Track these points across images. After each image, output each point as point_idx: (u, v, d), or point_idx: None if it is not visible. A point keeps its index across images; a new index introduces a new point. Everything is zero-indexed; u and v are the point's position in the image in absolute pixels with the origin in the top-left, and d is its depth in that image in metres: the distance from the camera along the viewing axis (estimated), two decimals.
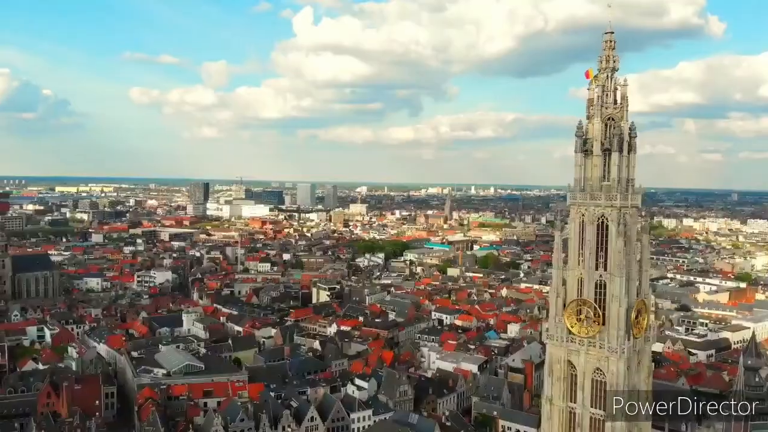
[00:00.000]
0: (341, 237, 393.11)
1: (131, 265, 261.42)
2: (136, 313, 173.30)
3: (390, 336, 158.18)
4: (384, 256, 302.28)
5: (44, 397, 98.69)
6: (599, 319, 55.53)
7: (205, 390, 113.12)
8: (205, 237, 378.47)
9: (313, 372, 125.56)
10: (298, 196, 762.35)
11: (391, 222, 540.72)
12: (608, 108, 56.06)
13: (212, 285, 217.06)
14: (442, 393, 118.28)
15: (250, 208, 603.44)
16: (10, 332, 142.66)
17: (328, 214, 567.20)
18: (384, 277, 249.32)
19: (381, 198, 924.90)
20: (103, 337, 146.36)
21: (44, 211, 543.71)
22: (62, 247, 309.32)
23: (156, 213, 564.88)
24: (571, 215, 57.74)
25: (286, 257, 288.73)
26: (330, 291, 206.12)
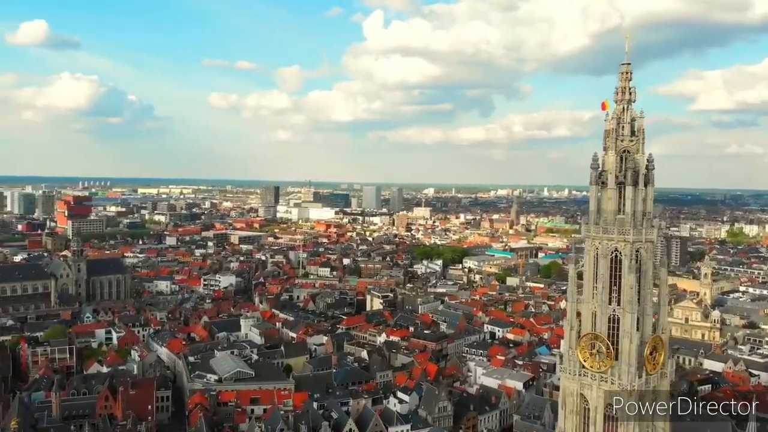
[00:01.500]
0: (402, 242, 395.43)
1: (200, 268, 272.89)
2: (199, 317, 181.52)
3: (438, 348, 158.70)
4: (442, 262, 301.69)
5: (102, 400, 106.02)
6: (611, 353, 54.86)
7: (252, 397, 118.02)
8: (272, 240, 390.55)
9: (358, 383, 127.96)
10: (364, 199, 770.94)
11: (454, 226, 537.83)
12: (624, 140, 55.27)
13: (273, 289, 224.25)
14: (483, 410, 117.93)
15: (317, 210, 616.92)
16: (80, 334, 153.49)
17: (391, 217, 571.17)
18: (440, 285, 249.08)
19: (447, 200, 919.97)
20: (165, 340, 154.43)
21: (125, 212, 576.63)
22: (137, 250, 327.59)
23: (229, 215, 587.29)
24: (586, 247, 57.30)
25: (345, 262, 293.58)
26: (383, 299, 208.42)
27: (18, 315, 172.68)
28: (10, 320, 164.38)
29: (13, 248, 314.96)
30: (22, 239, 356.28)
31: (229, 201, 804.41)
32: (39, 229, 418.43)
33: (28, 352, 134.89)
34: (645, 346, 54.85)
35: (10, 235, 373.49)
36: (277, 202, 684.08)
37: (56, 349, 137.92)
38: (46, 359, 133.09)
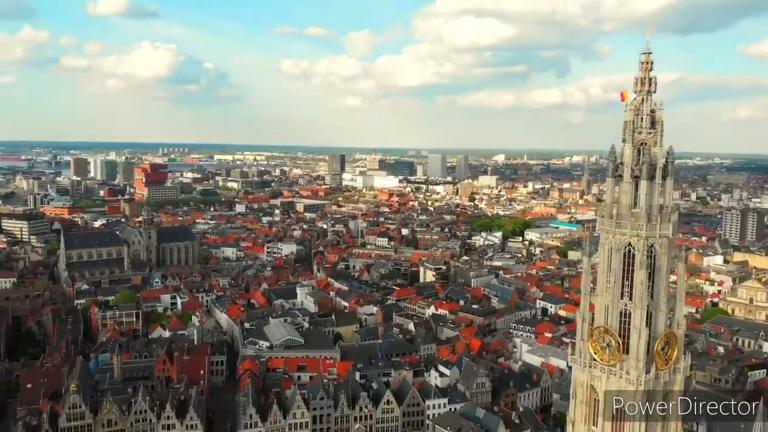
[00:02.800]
0: (463, 212, 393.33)
1: (265, 235, 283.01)
2: (259, 284, 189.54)
3: (486, 323, 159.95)
4: (502, 235, 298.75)
5: (160, 363, 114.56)
6: (621, 347, 54.80)
7: (299, 365, 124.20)
8: (335, 209, 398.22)
9: (402, 354, 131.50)
10: (429, 167, 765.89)
11: (520, 196, 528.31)
12: (641, 133, 53.97)
13: (331, 258, 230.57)
14: (524, 387, 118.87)
15: (381, 179, 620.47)
16: (147, 299, 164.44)
17: (455, 186, 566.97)
18: (497, 258, 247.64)
19: (517, 167, 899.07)
20: (225, 306, 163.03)
21: (200, 179, 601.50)
22: (209, 216, 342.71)
23: (297, 183, 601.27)
24: (601, 240, 56.85)
25: (404, 232, 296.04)
26: (436, 271, 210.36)
27: (93, 279, 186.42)
28: (85, 284, 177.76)
29: (93, 214, 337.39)
30: (102, 205, 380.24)
31: (299, 168, 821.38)
32: (119, 194, 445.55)
33: (98, 315, 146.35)
34: (656, 341, 54.43)
35: (91, 201, 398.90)
36: (343, 169, 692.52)
37: (124, 313, 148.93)
38: (114, 322, 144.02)
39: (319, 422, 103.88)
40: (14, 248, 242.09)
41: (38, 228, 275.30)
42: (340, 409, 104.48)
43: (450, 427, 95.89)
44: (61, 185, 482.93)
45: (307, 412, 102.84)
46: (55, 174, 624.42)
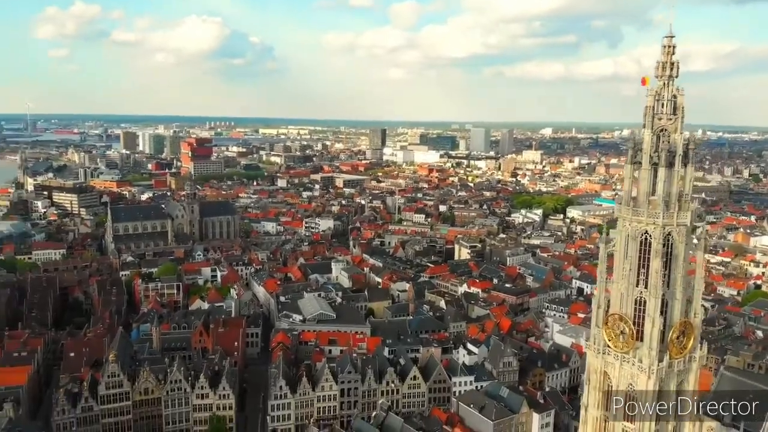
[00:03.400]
0: (504, 188, 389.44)
1: (305, 210, 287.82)
2: (296, 258, 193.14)
3: (519, 302, 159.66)
4: (542, 212, 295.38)
5: (197, 335, 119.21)
6: (635, 335, 54.63)
7: (330, 338, 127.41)
8: (374, 184, 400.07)
9: (431, 331, 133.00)
10: (471, 141, 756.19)
11: (565, 172, 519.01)
12: (662, 119, 52.88)
13: (367, 234, 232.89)
14: (552, 367, 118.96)
15: (422, 153, 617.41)
16: (189, 272, 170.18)
17: (497, 161, 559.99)
18: (535, 236, 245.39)
19: (564, 141, 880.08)
20: (263, 279, 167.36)
21: (245, 153, 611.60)
22: (251, 191, 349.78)
23: (339, 158, 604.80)
24: (618, 227, 56.37)
25: (441, 209, 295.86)
26: (471, 249, 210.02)
27: (138, 252, 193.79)
28: (130, 256, 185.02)
29: (140, 187, 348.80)
30: (149, 179, 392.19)
31: (341, 142, 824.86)
32: (166, 168, 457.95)
33: (141, 287, 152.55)
34: (671, 329, 54.02)
35: (139, 175, 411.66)
36: (384, 144, 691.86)
37: (165, 285, 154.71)
38: (156, 294, 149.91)
39: (346, 395, 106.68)
40: (64, 220, 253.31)
41: (88, 201, 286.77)
42: (367, 383, 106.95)
43: (473, 405, 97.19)
44: (110, 159, 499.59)
45: (335, 385, 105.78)
46: (105, 147, 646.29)
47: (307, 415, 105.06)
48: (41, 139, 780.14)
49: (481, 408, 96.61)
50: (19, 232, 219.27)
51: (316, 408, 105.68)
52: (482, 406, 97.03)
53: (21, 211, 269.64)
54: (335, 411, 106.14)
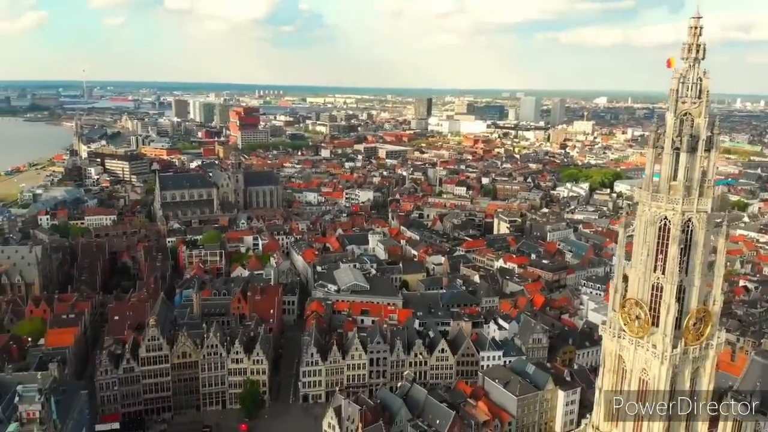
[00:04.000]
0: (551, 161, 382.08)
1: (346, 181, 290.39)
2: (334, 229, 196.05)
3: (555, 279, 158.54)
4: (589, 186, 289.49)
5: (236, 301, 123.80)
6: (651, 320, 54.42)
7: (363, 309, 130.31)
8: (417, 155, 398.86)
9: (463, 305, 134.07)
10: (521, 110, 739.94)
11: (617, 143, 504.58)
12: (686, 102, 51.57)
13: (406, 207, 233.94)
14: (583, 345, 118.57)
15: (468, 123, 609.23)
16: (232, 240, 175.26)
17: (546, 132, 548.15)
18: (579, 211, 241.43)
19: (619, 111, 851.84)
20: (301, 249, 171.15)
21: (291, 122, 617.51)
22: (295, 161, 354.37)
23: (383, 127, 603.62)
24: (638, 212, 55.70)
25: (484, 181, 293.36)
26: (511, 223, 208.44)
27: (184, 219, 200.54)
28: (176, 224, 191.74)
29: (189, 155, 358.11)
30: (198, 147, 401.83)
31: (387, 111, 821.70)
32: (215, 137, 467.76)
33: (185, 253, 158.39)
34: (688, 316, 53.52)
35: (189, 143, 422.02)
36: (430, 114, 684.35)
37: (209, 252, 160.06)
38: (199, 261, 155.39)
39: (375, 365, 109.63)
40: (116, 187, 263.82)
41: (138, 168, 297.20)
42: (396, 354, 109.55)
43: (498, 380, 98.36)
44: (161, 126, 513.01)
45: (364, 354, 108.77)
46: (158, 114, 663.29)
47: (337, 382, 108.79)
48: (97, 106, 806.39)
49: (506, 383, 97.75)
50: (72, 198, 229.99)
51: (346, 376, 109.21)
52: (507, 381, 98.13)
53: (75, 178, 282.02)
54: (364, 379, 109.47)
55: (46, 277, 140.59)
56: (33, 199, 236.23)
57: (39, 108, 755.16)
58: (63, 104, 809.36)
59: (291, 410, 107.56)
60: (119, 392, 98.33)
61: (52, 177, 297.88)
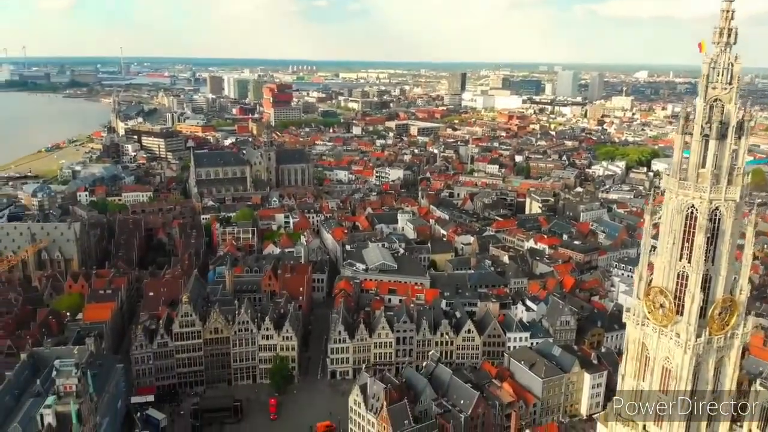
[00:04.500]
0: (587, 138, 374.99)
1: (377, 159, 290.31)
2: (364, 208, 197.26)
3: (586, 260, 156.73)
4: (625, 164, 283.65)
5: (266, 279, 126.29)
6: (675, 309, 53.84)
7: (390, 288, 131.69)
8: (449, 132, 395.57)
9: (491, 286, 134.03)
10: (558, 85, 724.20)
11: (656, 120, 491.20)
12: (716, 88, 50.14)
13: (436, 185, 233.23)
14: (612, 328, 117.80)
15: (503, 99, 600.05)
16: (264, 218, 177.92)
17: (584, 107, 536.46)
18: (614, 190, 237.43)
19: (660, 86, 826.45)
20: (331, 227, 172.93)
21: (324, 98, 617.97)
22: (327, 138, 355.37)
23: (416, 103, 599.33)
24: (665, 199, 54.77)
25: (518, 159, 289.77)
26: (543, 203, 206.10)
27: (218, 196, 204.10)
28: (210, 201, 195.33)
29: (224, 132, 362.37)
30: (232, 124, 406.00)
31: (420, 87, 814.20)
32: (249, 113, 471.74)
33: (219, 230, 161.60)
34: (713, 305, 52.73)
35: (223, 120, 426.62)
36: (464, 89, 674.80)
37: (241, 230, 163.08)
38: (232, 238, 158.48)
39: (402, 343, 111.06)
40: (152, 164, 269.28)
41: (174, 145, 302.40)
42: (422, 334, 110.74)
43: (524, 362, 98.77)
44: (196, 103, 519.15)
45: (391, 333, 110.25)
46: (193, 91, 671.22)
47: (364, 359, 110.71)
48: (134, 82, 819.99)
49: (532, 365, 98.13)
50: (110, 175, 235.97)
51: (373, 354, 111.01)
52: (533, 363, 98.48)
53: (112, 155, 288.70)
54: (390, 357, 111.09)
55: (85, 253, 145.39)
56: (72, 175, 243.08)
57: (78, 84, 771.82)
58: (101, 81, 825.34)
59: (319, 386, 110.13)
60: (154, 366, 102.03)
61: (91, 154, 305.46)
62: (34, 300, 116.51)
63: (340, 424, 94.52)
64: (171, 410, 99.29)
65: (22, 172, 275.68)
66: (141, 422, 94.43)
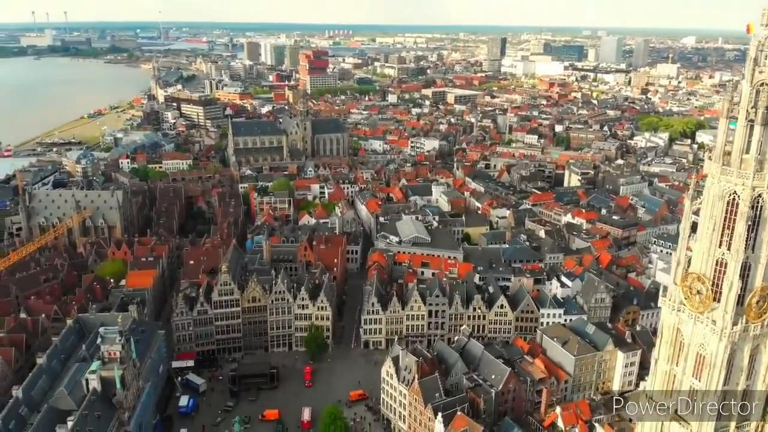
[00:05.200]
0: (630, 107, 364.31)
1: (412, 128, 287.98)
2: (398, 179, 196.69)
3: (624, 235, 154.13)
4: (668, 136, 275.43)
5: (302, 249, 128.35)
6: (712, 295, 53.10)
7: (423, 261, 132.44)
8: (487, 100, 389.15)
9: (525, 261, 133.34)
10: (601, 50, 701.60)
11: (703, 89, 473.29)
12: (763, 72, 48.25)
13: (472, 156, 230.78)
14: (648, 306, 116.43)
15: (544, 65, 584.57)
16: (300, 188, 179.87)
17: (627, 75, 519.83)
18: (656, 163, 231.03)
19: (707, 53, 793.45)
20: (365, 199, 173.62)
21: (360, 64, 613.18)
22: (362, 107, 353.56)
23: (453, 69, 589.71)
24: (706, 184, 53.52)
25: (557, 129, 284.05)
26: (582, 176, 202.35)
27: (255, 166, 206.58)
28: (248, 170, 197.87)
29: (260, 100, 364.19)
30: (269, 91, 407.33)
31: (458, 52, 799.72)
32: (285, 80, 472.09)
33: (256, 200, 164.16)
34: (752, 293, 51.75)
35: (260, 88, 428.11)
36: (503, 54, 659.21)
37: (278, 200, 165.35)
38: (269, 208, 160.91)
39: (434, 316, 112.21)
40: (191, 132, 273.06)
41: (212, 113, 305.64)
42: (455, 307, 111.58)
43: (557, 339, 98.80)
44: (234, 70, 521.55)
45: (423, 306, 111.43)
46: (231, 57, 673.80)
47: (397, 330, 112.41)
48: (173, 47, 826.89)
49: (565, 342, 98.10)
50: (150, 142, 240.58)
51: (405, 326, 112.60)
52: (566, 340, 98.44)
53: (153, 122, 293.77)
54: (422, 330, 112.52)
55: (127, 220, 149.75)
56: (114, 142, 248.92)
57: (118, 50, 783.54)
58: (141, 46, 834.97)
59: (352, 355, 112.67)
60: (194, 332, 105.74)
61: (132, 121, 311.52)
62: (79, 266, 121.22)
63: (372, 393, 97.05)
64: (210, 375, 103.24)
65: (66, 138, 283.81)
66: (181, 386, 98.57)
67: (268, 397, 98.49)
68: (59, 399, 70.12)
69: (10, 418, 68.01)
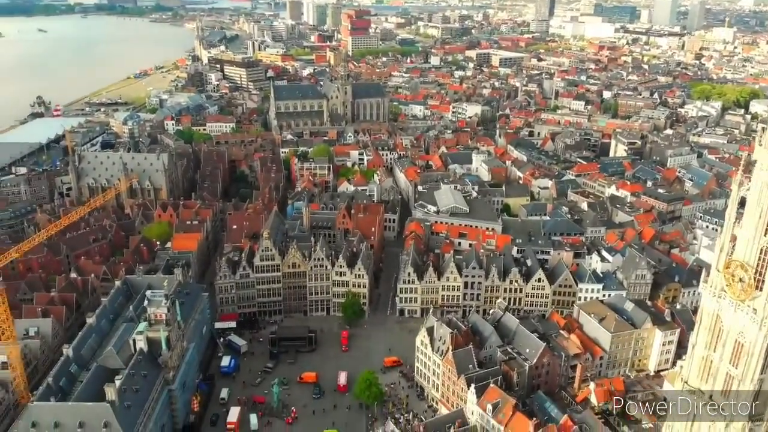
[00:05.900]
0: (683, 73, 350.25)
1: (454, 92, 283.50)
2: (438, 146, 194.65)
3: (669, 210, 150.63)
4: (721, 105, 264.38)
5: (341, 217, 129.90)
6: (755, 284, 52.13)
7: (460, 232, 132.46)
8: (533, 63, 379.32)
9: (566, 234, 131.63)
10: (654, 12, 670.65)
11: (759, 55, 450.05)
12: None
13: (515, 123, 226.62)
14: (690, 284, 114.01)
15: (594, 26, 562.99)
16: (339, 154, 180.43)
17: (681, 39, 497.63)
18: (707, 133, 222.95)
19: (766, 16, 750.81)
20: (404, 166, 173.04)
21: (402, 24, 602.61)
22: (404, 69, 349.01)
23: (499, 30, 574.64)
24: (755, 170, 52.00)
25: (606, 95, 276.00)
26: (629, 146, 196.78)
27: (296, 130, 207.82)
28: (289, 135, 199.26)
29: (302, 62, 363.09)
30: (311, 53, 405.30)
31: (505, 11, 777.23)
32: (327, 41, 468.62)
33: (297, 166, 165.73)
34: None
35: (302, 49, 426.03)
36: (552, 14, 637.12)
37: (318, 166, 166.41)
38: (309, 174, 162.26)
39: (470, 288, 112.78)
40: (234, 94, 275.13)
41: (255, 75, 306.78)
42: (491, 280, 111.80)
43: (594, 315, 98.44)
44: (276, 30, 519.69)
45: (459, 277, 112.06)
46: (273, 16, 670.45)
47: (432, 300, 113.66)
48: (216, 6, 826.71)
49: (602, 319, 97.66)
50: (194, 105, 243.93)
51: (441, 296, 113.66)
52: (603, 317, 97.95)
53: (197, 83, 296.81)
54: (458, 300, 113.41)
55: (172, 182, 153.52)
56: (159, 104, 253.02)
57: (163, 9, 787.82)
58: (185, 4, 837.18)
59: (388, 322, 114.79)
60: (236, 295, 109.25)
61: (177, 82, 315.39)
62: (127, 227, 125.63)
63: (407, 360, 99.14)
64: (251, 337, 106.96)
65: (113, 98, 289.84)
66: (223, 347, 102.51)
67: (306, 359, 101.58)
68: (108, 358, 74.02)
69: (60, 376, 72.24)
